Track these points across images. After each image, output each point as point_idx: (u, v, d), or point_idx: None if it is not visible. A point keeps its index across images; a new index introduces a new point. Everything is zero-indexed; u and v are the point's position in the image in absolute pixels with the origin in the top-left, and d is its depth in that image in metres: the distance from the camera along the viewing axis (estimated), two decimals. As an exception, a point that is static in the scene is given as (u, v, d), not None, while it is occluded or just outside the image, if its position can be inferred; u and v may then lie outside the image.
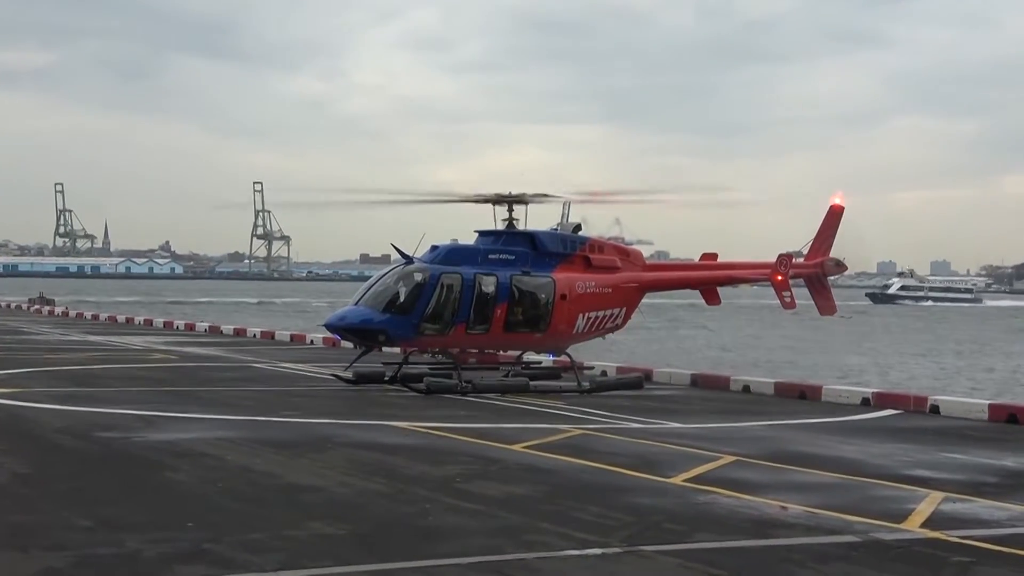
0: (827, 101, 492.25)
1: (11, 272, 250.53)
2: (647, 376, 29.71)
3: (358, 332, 25.41)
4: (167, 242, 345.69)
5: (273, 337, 45.84)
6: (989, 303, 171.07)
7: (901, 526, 12.27)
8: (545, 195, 27.51)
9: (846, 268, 32.09)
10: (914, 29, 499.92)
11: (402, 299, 25.22)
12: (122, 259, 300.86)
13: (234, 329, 49.32)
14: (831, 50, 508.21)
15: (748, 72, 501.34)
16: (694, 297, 32.26)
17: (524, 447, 17.44)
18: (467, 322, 25.38)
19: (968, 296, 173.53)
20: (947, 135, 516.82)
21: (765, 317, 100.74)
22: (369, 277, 27.36)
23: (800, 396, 26.71)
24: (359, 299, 25.41)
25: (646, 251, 30.13)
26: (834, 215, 31.16)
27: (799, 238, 32.10)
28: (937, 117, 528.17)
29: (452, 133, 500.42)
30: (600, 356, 34.58)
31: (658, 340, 65.99)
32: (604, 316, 27.55)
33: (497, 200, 27.35)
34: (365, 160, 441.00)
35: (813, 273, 31.03)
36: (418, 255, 25.98)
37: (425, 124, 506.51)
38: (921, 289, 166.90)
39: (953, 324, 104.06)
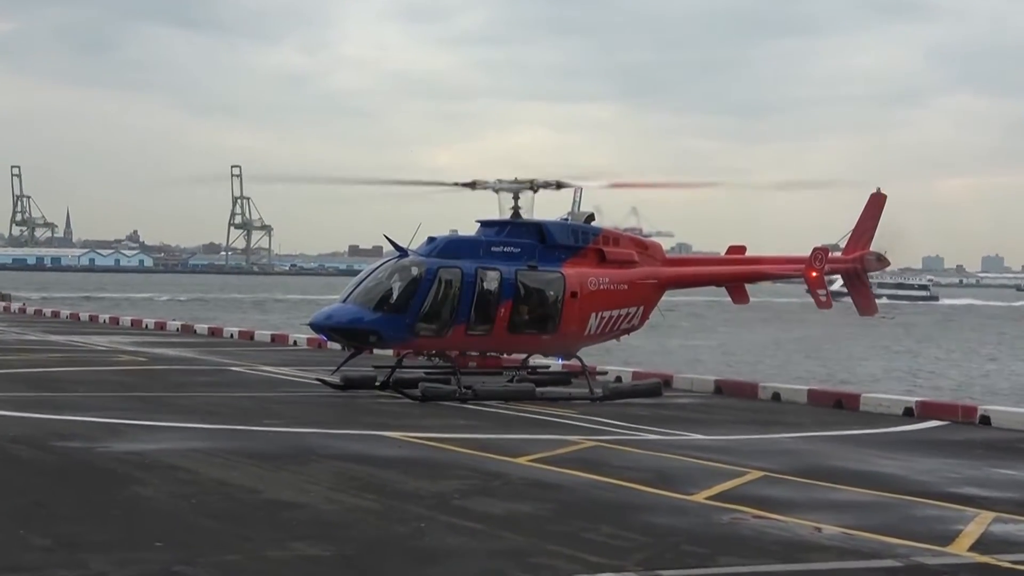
0: (864, 78, 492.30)
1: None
2: (666, 382, 29.73)
3: (346, 332, 25.43)
4: (135, 231, 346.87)
5: (252, 337, 45.90)
6: (946, 301, 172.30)
7: (947, 549, 12.28)
8: (556, 182, 27.50)
9: (888, 263, 32.13)
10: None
11: (395, 296, 25.23)
12: (85, 250, 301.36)
13: (209, 328, 49.39)
14: (868, 21, 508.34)
15: (777, 46, 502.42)
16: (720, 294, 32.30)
17: (530, 460, 17.46)
18: (467, 322, 25.39)
19: (923, 294, 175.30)
20: (997, 116, 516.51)
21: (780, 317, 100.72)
22: (359, 271, 27.38)
23: (836, 405, 26.76)
24: (348, 296, 25.43)
25: (666, 244, 30.22)
26: (875, 205, 31.14)
27: (836, 230, 32.13)
28: (986, 96, 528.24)
29: (450, 112, 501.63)
30: (615, 360, 34.57)
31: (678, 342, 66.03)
32: (619, 316, 27.55)
33: (501, 187, 27.34)
34: (353, 141, 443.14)
35: (851, 269, 31.03)
36: (413, 247, 25.98)
37: (420, 102, 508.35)
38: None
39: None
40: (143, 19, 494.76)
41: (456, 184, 27.81)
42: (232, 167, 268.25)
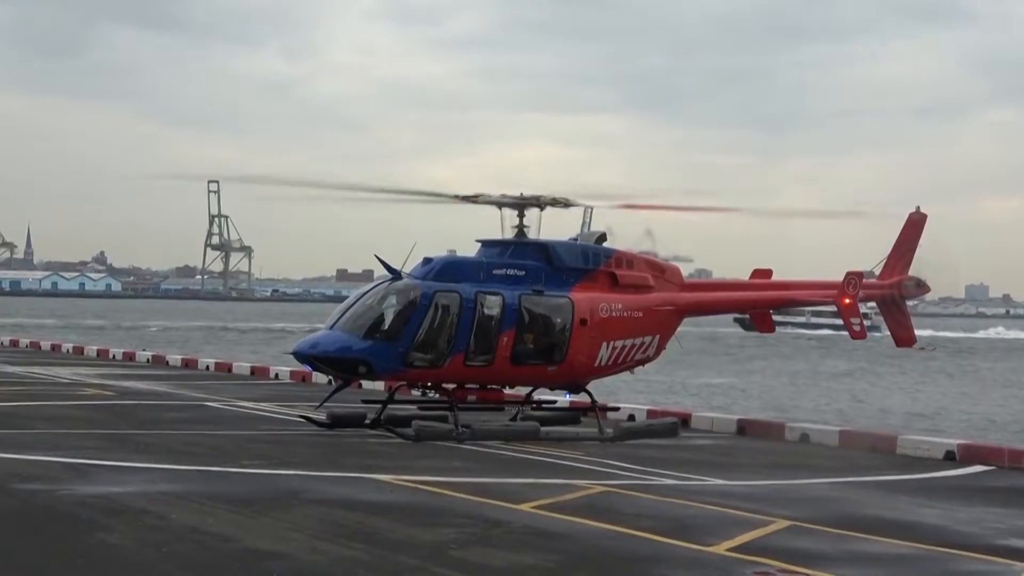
0: (899, 89, 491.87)
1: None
2: (684, 421, 29.71)
3: (334, 362, 25.42)
4: (102, 253, 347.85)
5: (230, 370, 45.94)
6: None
7: (992, 608, 12.28)
8: (564, 200, 27.55)
9: (928, 289, 32.13)
10: (1003, 1, 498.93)
11: (387, 323, 25.26)
12: (48, 273, 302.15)
13: (182, 360, 49.46)
14: (904, 28, 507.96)
15: (804, 53, 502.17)
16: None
17: (533, 507, 17.47)
18: (466, 351, 25.40)
19: (865, 324, 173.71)
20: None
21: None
22: (347, 297, 27.40)
23: (870, 448, 26.75)
24: (335, 322, 25.44)
25: (685, 269, 30.17)
26: (914, 227, 31.20)
27: (871, 254, 32.18)
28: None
29: (446, 124, 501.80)
30: (628, 395, 34.58)
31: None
32: (633, 345, 27.56)
33: (504, 202, 27.37)
34: (340, 155, 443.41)
35: (888, 295, 31.05)
36: (408, 269, 26.03)
37: (413, 113, 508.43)
38: (802, 314, 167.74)
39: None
40: (109, 20, 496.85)
41: (456, 196, 27.83)
42: (209, 182, 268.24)
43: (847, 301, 29.90)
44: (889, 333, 31.42)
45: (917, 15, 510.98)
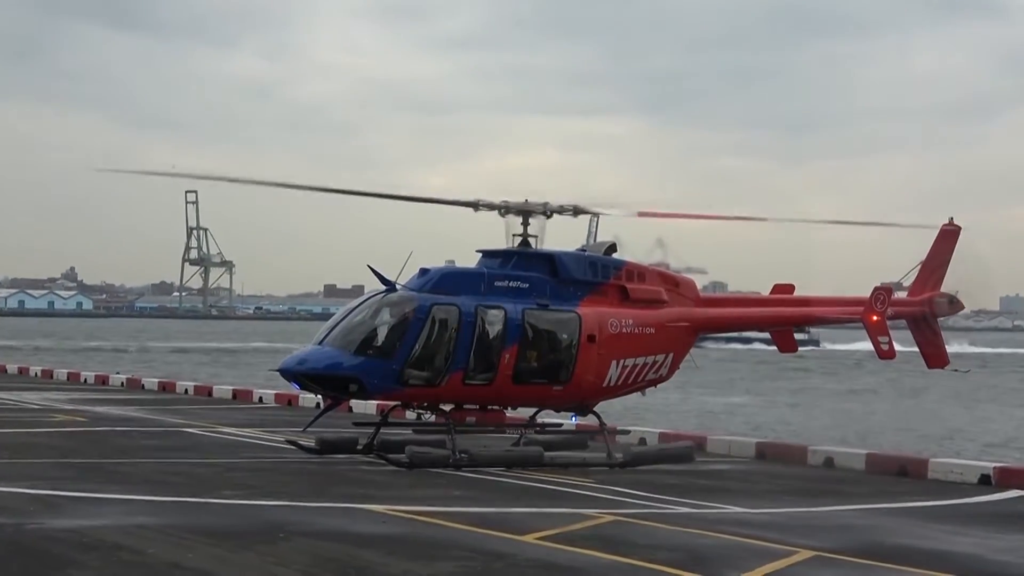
0: (927, 87, 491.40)
1: None
2: (699, 445, 29.70)
3: (322, 379, 25.34)
4: (72, 269, 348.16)
5: (210, 393, 46.00)
6: (830, 347, 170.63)
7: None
8: (573, 207, 27.56)
9: (962, 306, 32.06)
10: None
11: (381, 338, 25.25)
12: (14, 291, 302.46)
13: (159, 383, 49.48)
14: (930, 21, 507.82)
15: (824, 49, 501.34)
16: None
17: (538, 538, 17.46)
18: (465, 369, 25.39)
19: (802, 337, 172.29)
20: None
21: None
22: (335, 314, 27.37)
23: (900, 472, 26.75)
24: (324, 337, 25.40)
25: (699, 281, 30.19)
26: (947, 239, 31.13)
27: (899, 266, 32.12)
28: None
29: (439, 127, 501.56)
30: (639, 417, 34.54)
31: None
32: (644, 364, 27.56)
33: (508, 209, 27.37)
34: (325, 162, 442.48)
35: (919, 312, 30.99)
36: (403, 281, 26.02)
37: (403, 116, 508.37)
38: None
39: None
40: (72, 18, 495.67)
41: (455, 202, 27.82)
42: (187, 192, 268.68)
43: (875, 319, 29.77)
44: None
45: (945, 7, 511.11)
